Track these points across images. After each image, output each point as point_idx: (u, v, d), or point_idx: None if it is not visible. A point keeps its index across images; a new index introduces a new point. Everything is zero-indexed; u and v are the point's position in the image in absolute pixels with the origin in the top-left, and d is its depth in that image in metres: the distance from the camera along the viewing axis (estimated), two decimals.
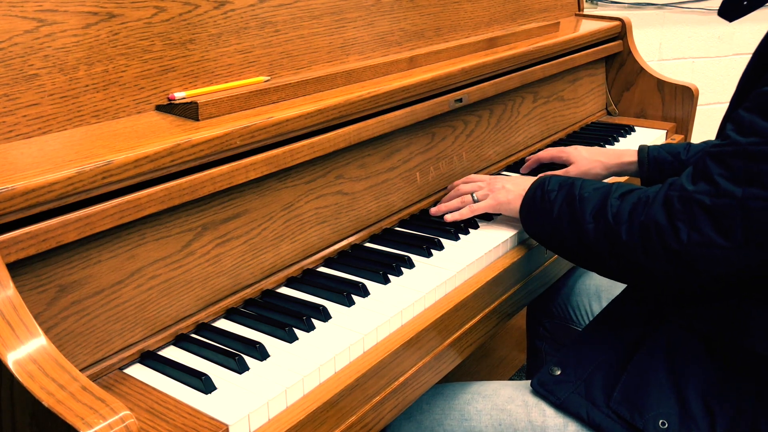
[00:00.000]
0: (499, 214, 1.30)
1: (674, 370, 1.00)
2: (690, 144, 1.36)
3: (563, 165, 1.48)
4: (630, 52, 1.97)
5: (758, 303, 0.97)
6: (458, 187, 1.32)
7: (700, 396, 0.97)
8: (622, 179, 1.57)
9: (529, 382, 1.12)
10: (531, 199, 1.15)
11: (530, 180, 1.21)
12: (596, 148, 1.48)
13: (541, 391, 1.06)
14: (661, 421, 0.96)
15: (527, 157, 1.56)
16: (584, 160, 1.43)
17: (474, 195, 1.26)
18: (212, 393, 0.83)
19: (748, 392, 0.96)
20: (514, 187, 1.22)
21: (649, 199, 0.97)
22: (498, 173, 1.55)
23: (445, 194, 1.36)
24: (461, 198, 1.28)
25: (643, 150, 1.39)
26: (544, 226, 1.11)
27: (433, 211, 1.31)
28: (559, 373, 1.06)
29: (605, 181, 1.51)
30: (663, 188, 0.97)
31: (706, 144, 1.35)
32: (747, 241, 0.88)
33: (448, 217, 1.26)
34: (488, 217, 1.29)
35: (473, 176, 1.35)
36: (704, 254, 0.91)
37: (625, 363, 1.04)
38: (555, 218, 1.08)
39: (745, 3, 1.01)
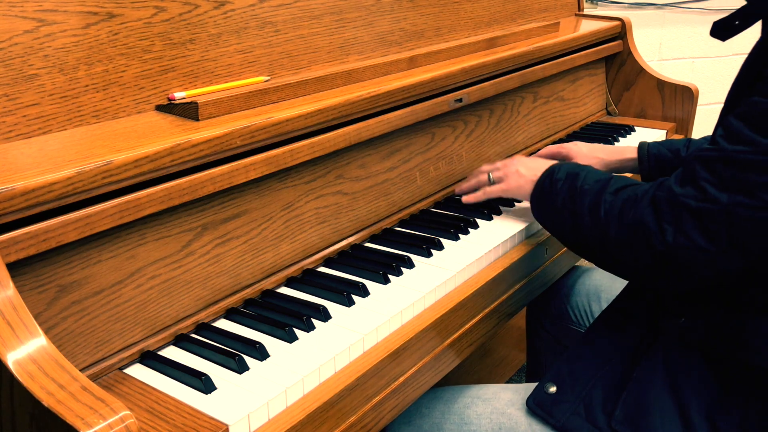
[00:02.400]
0: (500, 213, 1.31)
1: (675, 386, 0.98)
2: (690, 140, 1.36)
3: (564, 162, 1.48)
4: (630, 52, 1.97)
5: (752, 315, 0.96)
6: (480, 167, 1.36)
7: (704, 412, 0.95)
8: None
9: (528, 385, 1.11)
10: (540, 187, 1.16)
11: (545, 164, 1.20)
12: (596, 144, 1.48)
13: (539, 412, 1.03)
14: None
15: None
16: (584, 156, 1.43)
17: (490, 175, 1.29)
18: (212, 393, 0.83)
19: (753, 405, 0.94)
20: (527, 172, 1.23)
21: (638, 198, 0.98)
22: None
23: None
24: (477, 178, 1.32)
25: (643, 147, 1.39)
26: (550, 216, 1.13)
27: (457, 190, 1.38)
28: (554, 390, 1.04)
29: None
30: (652, 187, 0.98)
31: (705, 140, 1.35)
32: (730, 246, 0.89)
33: (465, 199, 1.31)
34: (488, 217, 1.29)
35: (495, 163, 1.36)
36: (688, 257, 0.91)
37: (623, 379, 1.02)
38: (559, 209, 1.09)
39: (737, 23, 1.02)
